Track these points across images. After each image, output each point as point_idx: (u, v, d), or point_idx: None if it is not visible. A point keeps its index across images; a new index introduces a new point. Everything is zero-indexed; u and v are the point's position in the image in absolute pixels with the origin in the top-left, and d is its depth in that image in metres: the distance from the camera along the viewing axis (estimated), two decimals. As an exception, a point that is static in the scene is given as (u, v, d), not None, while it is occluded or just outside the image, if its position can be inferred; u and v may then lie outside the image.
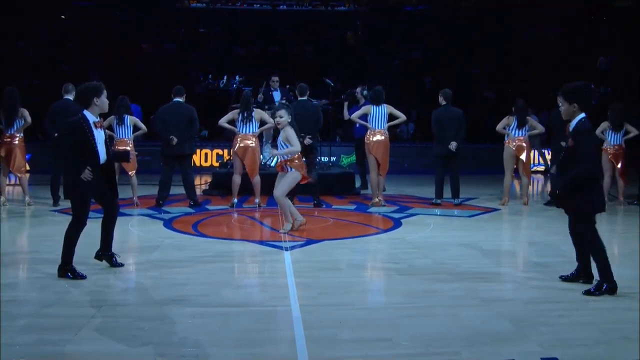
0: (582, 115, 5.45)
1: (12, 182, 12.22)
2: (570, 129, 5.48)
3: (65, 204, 10.28)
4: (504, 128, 10.87)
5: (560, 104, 5.72)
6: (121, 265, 6.24)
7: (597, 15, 26.44)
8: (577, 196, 5.34)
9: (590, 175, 5.34)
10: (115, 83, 18.92)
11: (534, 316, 4.78)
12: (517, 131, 10.76)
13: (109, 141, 6.32)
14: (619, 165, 10.90)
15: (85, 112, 5.87)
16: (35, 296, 5.26)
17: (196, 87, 21.41)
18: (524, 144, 10.75)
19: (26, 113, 10.14)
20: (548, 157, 15.85)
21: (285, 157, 8.07)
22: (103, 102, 5.94)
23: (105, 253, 6.27)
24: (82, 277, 5.77)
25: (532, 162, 13.75)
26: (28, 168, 10.62)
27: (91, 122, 5.84)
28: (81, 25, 26.00)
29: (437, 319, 4.72)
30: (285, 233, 7.98)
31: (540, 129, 10.98)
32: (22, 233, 8.66)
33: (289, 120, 8.04)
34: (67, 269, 5.80)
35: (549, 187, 11.67)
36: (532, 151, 13.69)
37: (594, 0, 25.93)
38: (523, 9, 26.60)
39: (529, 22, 26.35)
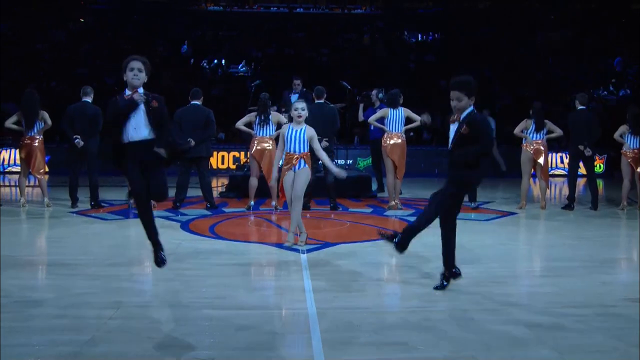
0: (472, 107, 5.54)
1: (32, 183, 12.34)
2: (462, 116, 5.49)
3: (84, 205, 10.42)
4: (522, 131, 10.82)
5: (456, 99, 5.50)
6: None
7: (610, 17, 26.23)
8: (465, 170, 5.52)
9: (486, 151, 5.54)
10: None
11: (551, 321, 4.75)
12: (535, 134, 10.72)
13: None
14: (639, 169, 10.80)
15: None
16: (52, 297, 5.29)
17: (212, 89, 21.52)
18: (542, 147, 10.70)
19: (46, 115, 10.28)
20: (566, 160, 15.76)
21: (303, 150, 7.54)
22: (126, 75, 5.37)
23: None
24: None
25: (550, 165, 13.66)
26: (47, 170, 10.72)
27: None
28: (97, 28, 26.24)
29: (454, 323, 4.69)
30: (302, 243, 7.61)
31: (558, 132, 10.89)
32: (41, 234, 8.75)
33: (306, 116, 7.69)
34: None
35: (566, 191, 11.57)
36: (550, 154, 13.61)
37: (608, 2, 25.74)
38: (536, 11, 26.49)
39: (541, 25, 26.23)
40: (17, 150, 11.36)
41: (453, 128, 5.61)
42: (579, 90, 11.88)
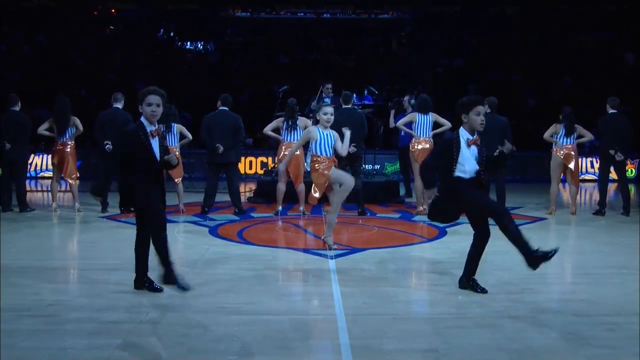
0: None
1: (63, 188, 12.52)
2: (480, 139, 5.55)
3: (114, 210, 10.53)
4: (552, 136, 10.70)
5: (484, 114, 5.52)
6: (161, 290, 5.62)
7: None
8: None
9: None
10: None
11: (584, 329, 4.67)
12: (565, 139, 10.58)
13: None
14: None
15: (142, 120, 5.52)
16: (84, 301, 5.35)
17: (239, 95, 21.63)
18: (573, 152, 10.56)
19: (78, 121, 10.45)
20: (596, 165, 15.55)
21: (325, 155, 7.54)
22: (143, 109, 5.43)
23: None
24: (159, 290, 5.56)
25: (580, 170, 13.48)
26: (78, 175, 10.88)
27: (148, 130, 5.50)
28: (127, 35, 26.56)
29: (484, 331, 4.64)
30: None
31: (589, 136, 10.75)
32: (73, 239, 8.87)
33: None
34: (142, 281, 5.63)
35: (597, 196, 11.40)
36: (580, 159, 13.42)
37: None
38: (565, 13, 26.16)
39: (570, 27, 25.88)
40: (50, 156, 11.58)
41: (471, 151, 5.51)
42: (610, 94, 11.67)
